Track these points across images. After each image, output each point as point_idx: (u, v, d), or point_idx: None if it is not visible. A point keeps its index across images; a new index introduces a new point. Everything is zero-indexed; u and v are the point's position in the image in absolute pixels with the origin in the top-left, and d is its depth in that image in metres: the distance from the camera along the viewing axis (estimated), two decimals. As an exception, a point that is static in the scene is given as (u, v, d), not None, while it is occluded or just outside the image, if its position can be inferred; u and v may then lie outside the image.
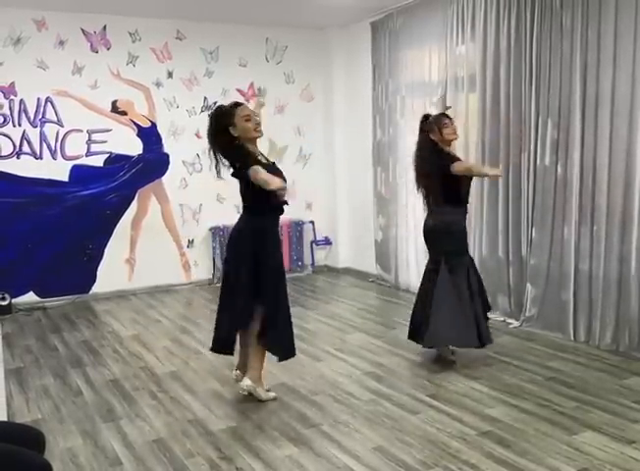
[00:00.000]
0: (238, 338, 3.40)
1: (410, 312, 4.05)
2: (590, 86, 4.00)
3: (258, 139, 3.24)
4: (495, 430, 2.93)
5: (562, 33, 4.12)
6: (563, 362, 3.82)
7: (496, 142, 4.67)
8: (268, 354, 3.38)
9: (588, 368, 3.72)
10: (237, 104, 3.22)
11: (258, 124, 3.17)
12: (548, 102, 4.26)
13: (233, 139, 3.17)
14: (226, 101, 6.10)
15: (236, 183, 3.28)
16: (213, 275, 6.27)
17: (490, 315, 4.81)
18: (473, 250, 4.87)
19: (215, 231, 6.21)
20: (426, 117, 3.85)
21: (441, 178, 3.72)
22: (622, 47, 3.79)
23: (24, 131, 5.48)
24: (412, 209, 5.70)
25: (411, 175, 5.77)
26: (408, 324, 3.99)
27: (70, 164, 5.67)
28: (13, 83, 5.40)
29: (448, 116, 3.82)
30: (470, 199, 4.68)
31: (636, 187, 3.80)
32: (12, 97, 5.41)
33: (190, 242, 6.26)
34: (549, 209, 4.33)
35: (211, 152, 3.22)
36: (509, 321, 4.65)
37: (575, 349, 4.05)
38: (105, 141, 5.78)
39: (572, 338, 4.21)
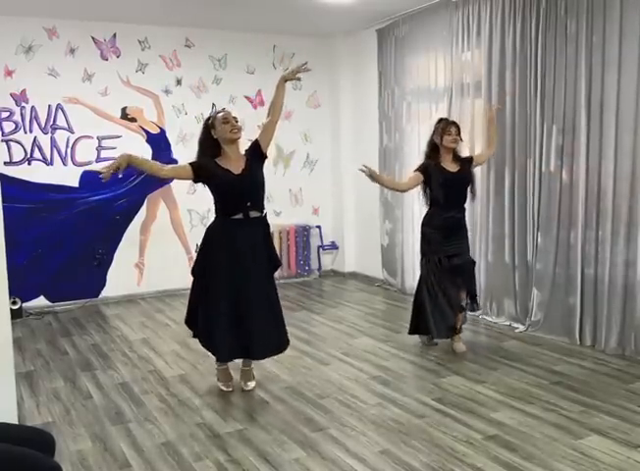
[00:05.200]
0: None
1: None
2: (595, 92, 4.02)
3: (239, 141, 3.46)
4: (501, 434, 2.95)
5: (567, 39, 4.14)
6: (569, 366, 3.83)
7: (501, 148, 4.68)
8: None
9: (594, 372, 3.73)
10: (221, 111, 3.48)
11: (235, 126, 3.38)
12: (553, 108, 4.28)
13: (213, 141, 3.44)
14: (234, 108, 6.24)
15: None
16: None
17: (496, 319, 4.86)
18: (479, 255, 4.89)
19: (223, 236, 6.25)
20: (440, 120, 4.11)
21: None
22: (627, 52, 3.81)
23: (35, 138, 5.56)
24: (418, 214, 5.71)
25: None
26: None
27: (80, 170, 5.74)
28: (24, 91, 5.48)
29: (456, 125, 4.03)
30: (476, 204, 4.74)
31: (642, 193, 3.82)
32: (23, 104, 5.49)
33: (198, 247, 6.29)
34: (554, 214, 4.34)
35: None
36: (515, 325, 4.66)
37: (581, 354, 4.05)
38: (115, 147, 5.84)
39: (578, 342, 4.21)
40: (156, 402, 3.48)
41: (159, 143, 6.04)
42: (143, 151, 5.96)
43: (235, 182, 3.38)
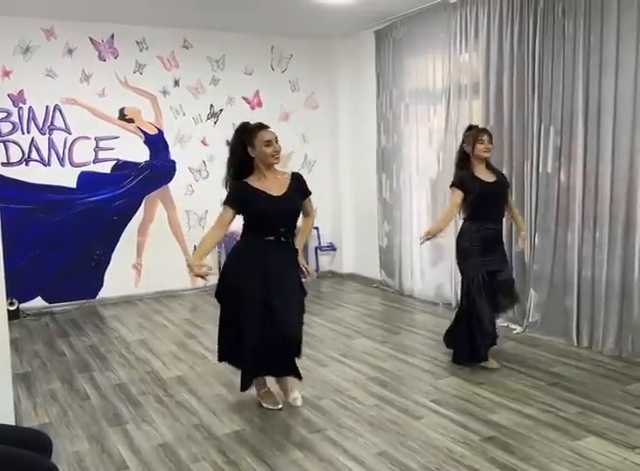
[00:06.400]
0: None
1: (414, 317, 4.07)
2: (592, 93, 4.02)
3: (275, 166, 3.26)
4: (498, 435, 2.95)
5: (565, 41, 4.15)
6: (567, 368, 3.83)
7: (499, 149, 4.67)
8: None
9: (591, 374, 3.73)
10: (261, 126, 3.21)
11: (277, 151, 3.18)
12: (550, 109, 4.29)
13: (248, 158, 3.19)
14: (232, 109, 6.30)
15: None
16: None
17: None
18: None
19: (221, 237, 6.25)
20: (470, 127, 3.91)
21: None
22: (624, 54, 3.82)
23: (32, 139, 5.55)
24: (417, 215, 5.73)
25: (415, 181, 5.85)
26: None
27: (78, 171, 5.73)
28: (22, 91, 5.47)
29: (488, 133, 3.83)
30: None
31: (639, 193, 3.83)
32: (21, 105, 5.48)
33: (196, 248, 6.30)
34: (552, 215, 4.34)
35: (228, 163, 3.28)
36: (513, 327, 4.66)
37: (578, 355, 4.06)
38: (112, 148, 5.84)
39: (575, 343, 4.22)
40: (154, 404, 3.47)
41: (157, 144, 6.04)
42: (141, 152, 5.98)
43: (273, 204, 3.16)
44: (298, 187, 3.31)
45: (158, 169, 6.06)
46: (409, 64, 5.65)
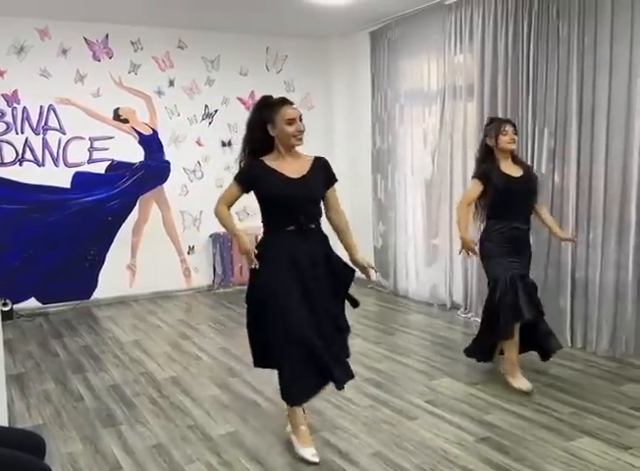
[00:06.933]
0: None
1: (408, 318, 4.05)
2: (586, 95, 4.04)
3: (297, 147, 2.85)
4: (493, 436, 2.95)
5: (559, 42, 4.17)
6: (561, 368, 3.84)
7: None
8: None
9: (585, 374, 3.74)
10: (285, 101, 2.79)
11: (300, 131, 2.77)
12: (545, 111, 4.30)
13: (267, 137, 2.79)
14: (227, 109, 6.30)
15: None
16: (213, 281, 6.30)
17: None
18: (473, 258, 4.90)
19: (215, 237, 6.24)
20: (491, 120, 3.71)
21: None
22: (618, 55, 3.83)
23: (26, 139, 5.53)
24: (412, 216, 5.74)
25: (410, 182, 5.85)
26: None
27: (72, 171, 5.71)
28: (16, 91, 5.45)
29: (512, 123, 3.61)
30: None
31: (632, 195, 3.84)
32: (15, 105, 5.46)
33: (191, 249, 6.29)
34: (546, 216, 4.36)
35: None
36: (508, 327, 4.67)
37: (572, 356, 4.06)
38: (107, 149, 5.82)
39: (569, 344, 4.23)
40: (148, 404, 3.46)
41: (151, 145, 6.03)
42: (135, 152, 5.96)
43: (288, 187, 2.75)
44: (321, 172, 2.88)
45: (153, 169, 6.05)
46: (404, 65, 5.66)
